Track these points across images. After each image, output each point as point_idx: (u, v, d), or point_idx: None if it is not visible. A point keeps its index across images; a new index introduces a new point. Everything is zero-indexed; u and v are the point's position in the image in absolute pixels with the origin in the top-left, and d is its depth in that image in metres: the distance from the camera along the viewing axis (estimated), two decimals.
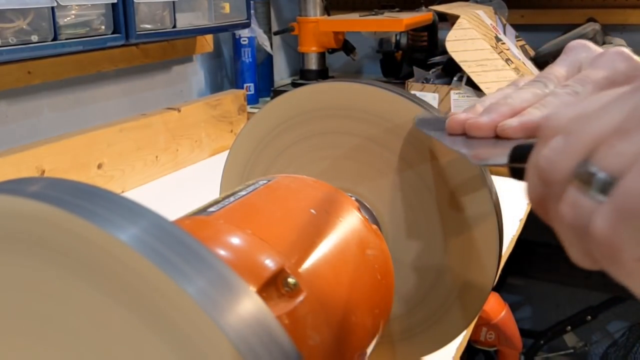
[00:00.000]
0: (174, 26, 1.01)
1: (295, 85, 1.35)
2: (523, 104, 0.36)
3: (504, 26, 1.26)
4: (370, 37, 1.43)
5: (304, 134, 0.51)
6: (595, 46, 0.38)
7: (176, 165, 1.08)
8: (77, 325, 0.22)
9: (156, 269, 0.21)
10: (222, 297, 0.22)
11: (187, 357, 0.21)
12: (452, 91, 1.12)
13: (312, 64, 1.34)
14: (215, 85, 1.38)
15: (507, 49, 1.15)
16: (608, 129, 0.22)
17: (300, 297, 0.33)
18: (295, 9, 1.35)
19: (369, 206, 0.50)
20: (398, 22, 1.16)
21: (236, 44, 1.33)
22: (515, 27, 1.33)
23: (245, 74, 1.35)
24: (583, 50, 0.37)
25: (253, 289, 0.31)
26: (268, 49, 1.39)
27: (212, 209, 0.38)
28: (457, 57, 1.09)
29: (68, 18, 0.84)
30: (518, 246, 0.86)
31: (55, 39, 0.81)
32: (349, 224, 0.42)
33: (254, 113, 0.57)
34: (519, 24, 1.39)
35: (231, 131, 1.21)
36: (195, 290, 0.21)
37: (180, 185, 1.02)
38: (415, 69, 1.24)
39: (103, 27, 0.89)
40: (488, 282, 0.48)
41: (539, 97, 0.36)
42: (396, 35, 1.38)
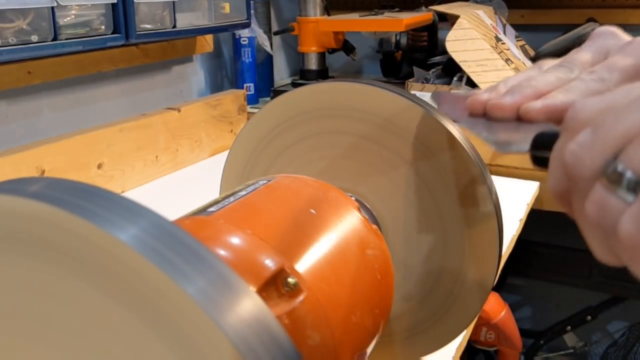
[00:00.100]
0: (174, 26, 1.01)
1: (295, 85, 1.35)
2: (547, 87, 0.35)
3: (504, 26, 1.26)
4: (370, 37, 1.43)
5: (304, 133, 0.51)
6: (623, 34, 0.37)
7: (176, 165, 1.08)
8: (77, 325, 0.22)
9: (156, 269, 0.21)
10: (222, 297, 0.22)
11: (187, 357, 0.21)
12: (452, 91, 1.11)
13: (312, 64, 1.34)
14: (215, 85, 1.38)
15: (507, 49, 1.15)
16: (639, 125, 0.21)
17: (300, 297, 0.33)
18: (295, 9, 1.35)
19: (369, 206, 0.50)
20: (398, 22, 1.16)
21: (236, 44, 1.33)
22: (515, 27, 1.33)
23: (245, 74, 1.35)
24: (611, 37, 0.36)
25: (253, 289, 0.31)
26: (268, 49, 1.39)
27: (212, 209, 0.38)
28: (457, 57, 1.09)
29: (68, 18, 0.84)
30: (518, 246, 0.86)
31: (55, 39, 0.81)
32: (349, 224, 0.42)
33: (254, 113, 0.57)
34: (519, 24, 1.39)
35: (231, 131, 1.21)
36: (195, 290, 0.21)
37: (180, 185, 1.02)
38: (415, 69, 1.24)
39: (103, 27, 0.89)
40: (488, 282, 0.48)
41: (563, 82, 0.35)
42: (396, 35, 1.38)
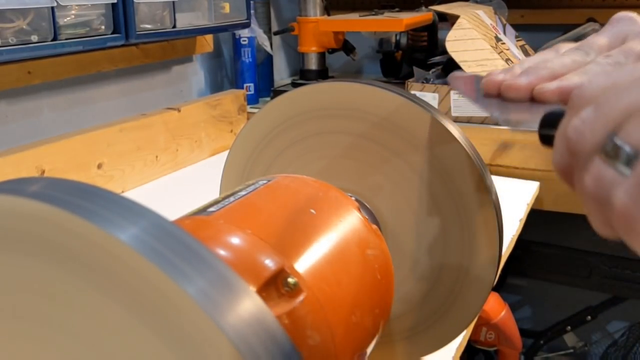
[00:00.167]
0: (174, 26, 1.01)
1: (295, 85, 1.35)
2: (563, 69, 0.36)
3: (504, 26, 1.26)
4: (370, 37, 1.43)
5: (304, 133, 0.51)
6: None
7: (176, 165, 1.08)
8: (77, 325, 0.22)
9: (156, 269, 0.21)
10: (222, 297, 0.22)
11: (187, 357, 0.21)
12: (452, 91, 1.12)
13: (312, 64, 1.34)
14: (215, 85, 1.38)
15: (507, 49, 1.15)
16: (638, 103, 0.22)
17: (300, 297, 0.33)
18: (295, 9, 1.35)
19: (369, 206, 0.50)
20: (398, 22, 1.16)
21: (236, 44, 1.33)
22: (515, 27, 1.33)
23: (245, 74, 1.35)
24: (629, 23, 0.37)
25: (253, 289, 0.31)
26: (268, 49, 1.39)
27: (212, 209, 0.38)
28: (457, 57, 1.09)
29: (68, 18, 0.84)
30: (518, 246, 0.86)
31: (55, 39, 0.81)
32: (349, 224, 0.42)
33: (254, 113, 0.57)
34: (519, 24, 1.39)
35: (231, 131, 1.21)
36: (195, 290, 0.21)
37: (180, 185, 1.02)
38: (415, 69, 1.24)
39: (103, 27, 0.89)
40: (488, 281, 0.48)
41: (579, 65, 0.36)
42: (396, 35, 1.38)
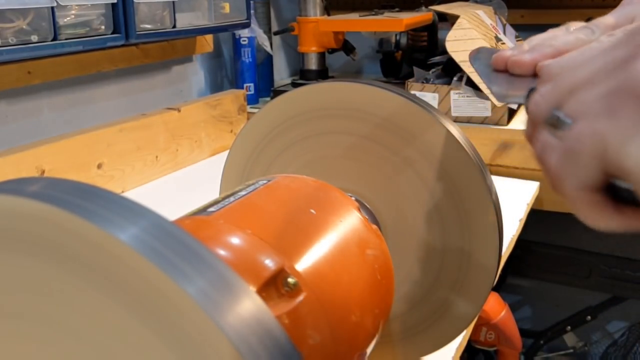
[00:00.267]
0: (174, 26, 1.01)
1: (295, 85, 1.35)
2: (566, 47, 0.37)
3: (504, 26, 1.26)
4: (370, 37, 1.43)
5: (304, 133, 0.51)
6: None
7: (176, 165, 1.08)
8: (76, 325, 0.22)
9: (156, 269, 0.21)
10: (222, 297, 0.22)
11: (187, 357, 0.21)
12: (452, 91, 1.12)
13: (312, 64, 1.34)
14: (215, 85, 1.38)
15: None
16: (583, 79, 0.25)
17: (300, 297, 0.33)
18: (295, 9, 1.35)
19: (369, 206, 0.50)
20: (398, 22, 1.16)
21: (236, 44, 1.33)
22: (515, 27, 1.33)
23: (245, 74, 1.35)
24: (639, 4, 0.37)
25: (253, 289, 0.31)
26: (268, 49, 1.39)
27: (212, 209, 0.38)
28: (457, 57, 1.09)
29: (68, 18, 0.84)
30: (518, 246, 0.86)
31: (55, 39, 0.81)
32: (349, 224, 0.42)
33: (254, 113, 0.57)
34: (519, 24, 1.39)
35: (231, 131, 1.21)
36: (195, 290, 0.21)
37: (180, 185, 1.02)
38: (415, 69, 1.24)
39: (103, 27, 0.89)
40: (488, 281, 0.48)
41: (583, 43, 0.36)
42: (396, 35, 1.37)
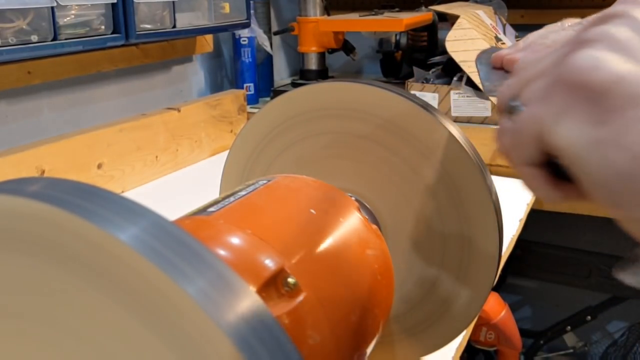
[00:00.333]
0: (174, 26, 1.01)
1: (295, 85, 1.35)
2: (555, 44, 0.38)
3: (503, 26, 1.26)
4: (370, 37, 1.43)
5: (304, 134, 0.51)
6: None
7: (176, 165, 1.08)
8: (76, 325, 0.22)
9: (156, 269, 0.21)
10: (222, 297, 0.22)
11: (187, 357, 0.21)
12: (452, 91, 1.12)
13: (312, 64, 1.34)
14: (215, 85, 1.38)
15: None
16: (537, 72, 0.29)
17: (300, 297, 0.33)
18: (295, 9, 1.35)
19: (369, 206, 0.50)
20: (398, 22, 1.16)
21: (236, 44, 1.33)
22: (515, 27, 1.33)
23: (245, 74, 1.34)
24: (633, 1, 0.39)
25: (253, 289, 0.31)
26: (268, 49, 1.39)
27: (212, 209, 0.38)
28: (457, 57, 1.09)
29: (68, 18, 0.84)
30: (518, 246, 0.86)
31: (55, 39, 0.81)
32: (349, 224, 0.42)
33: (254, 113, 0.57)
34: (519, 24, 1.39)
35: (231, 131, 1.21)
36: (195, 290, 0.21)
37: (180, 185, 1.02)
38: (415, 69, 1.24)
39: (103, 27, 0.89)
40: (488, 281, 0.48)
41: None
42: (396, 35, 1.37)
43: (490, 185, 0.47)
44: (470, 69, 1.09)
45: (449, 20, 1.25)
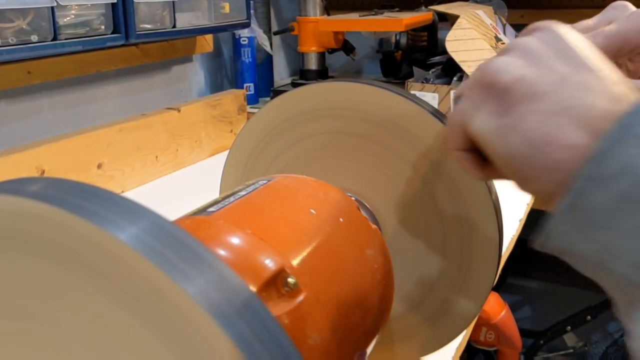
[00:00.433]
0: (174, 26, 1.01)
1: (295, 85, 1.35)
2: None
3: (503, 26, 1.26)
4: (370, 37, 1.43)
5: (304, 134, 0.51)
6: (633, 7, 0.41)
7: (176, 165, 1.08)
8: (76, 325, 0.22)
9: (156, 269, 0.21)
10: (222, 297, 0.22)
11: (186, 357, 0.21)
12: (452, 91, 1.12)
13: (312, 64, 1.34)
14: (215, 85, 1.38)
15: None
16: (477, 75, 0.32)
17: (300, 297, 0.33)
18: (295, 9, 1.35)
19: (368, 206, 0.50)
20: (398, 22, 1.16)
21: (236, 44, 1.33)
22: (515, 27, 1.33)
23: (245, 74, 1.35)
24: (621, 9, 0.41)
25: (253, 289, 0.31)
26: (268, 49, 1.39)
27: (212, 209, 0.38)
28: (457, 57, 1.09)
29: (68, 18, 0.84)
30: (518, 246, 0.86)
31: (55, 39, 0.81)
32: (349, 224, 0.42)
33: (254, 113, 0.57)
34: (519, 24, 1.39)
35: (231, 131, 1.21)
36: (195, 290, 0.21)
37: (180, 185, 1.02)
38: (415, 69, 1.24)
39: (103, 27, 0.89)
40: (488, 282, 0.48)
41: None
42: (396, 35, 1.38)
43: (490, 185, 0.47)
44: (471, 69, 1.09)
45: (449, 20, 1.25)
